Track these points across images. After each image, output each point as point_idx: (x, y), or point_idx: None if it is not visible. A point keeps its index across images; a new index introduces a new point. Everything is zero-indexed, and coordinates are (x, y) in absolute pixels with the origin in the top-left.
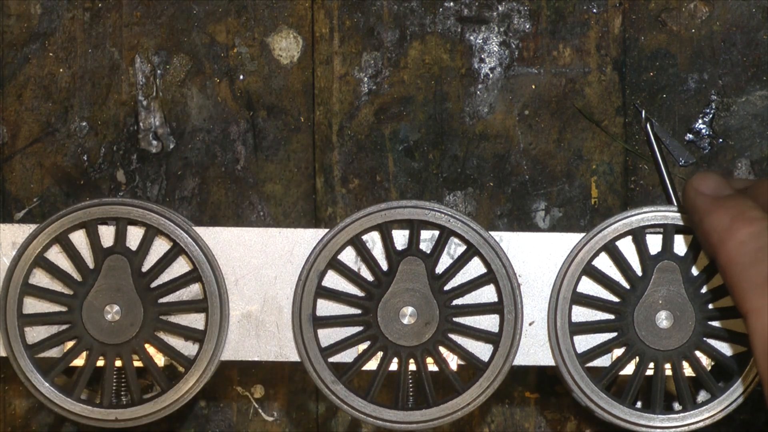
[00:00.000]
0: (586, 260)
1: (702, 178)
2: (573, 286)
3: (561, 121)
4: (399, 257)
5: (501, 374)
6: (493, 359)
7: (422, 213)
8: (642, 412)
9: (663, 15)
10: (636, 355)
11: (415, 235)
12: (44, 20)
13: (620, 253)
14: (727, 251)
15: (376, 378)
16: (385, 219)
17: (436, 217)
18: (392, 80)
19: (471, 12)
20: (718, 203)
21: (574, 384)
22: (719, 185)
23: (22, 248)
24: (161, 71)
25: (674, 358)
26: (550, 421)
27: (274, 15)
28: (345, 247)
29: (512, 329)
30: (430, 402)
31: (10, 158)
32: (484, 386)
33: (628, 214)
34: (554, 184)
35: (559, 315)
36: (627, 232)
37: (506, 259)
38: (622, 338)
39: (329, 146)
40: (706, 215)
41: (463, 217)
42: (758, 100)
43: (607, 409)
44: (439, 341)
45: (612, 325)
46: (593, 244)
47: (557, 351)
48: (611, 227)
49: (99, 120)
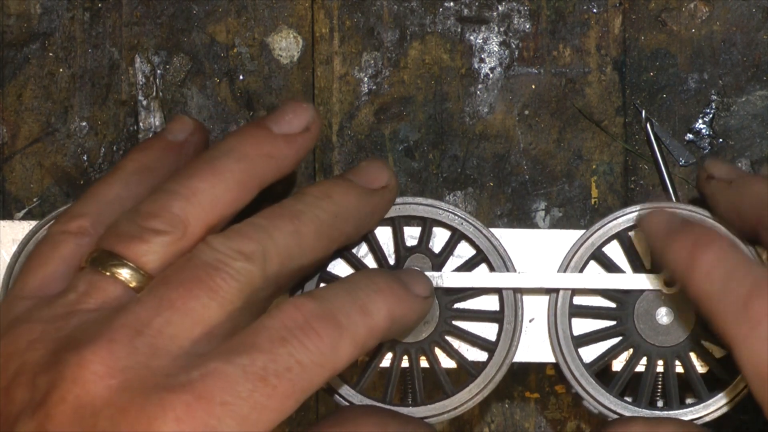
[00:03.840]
0: (586, 257)
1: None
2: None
3: (561, 121)
4: (407, 253)
5: (492, 383)
6: (486, 368)
7: (436, 212)
8: (627, 404)
9: (663, 15)
10: (630, 347)
11: (426, 233)
12: (44, 20)
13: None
14: (695, 285)
15: (366, 372)
16: (399, 213)
17: (450, 219)
18: (392, 80)
19: (471, 12)
20: (672, 237)
21: (569, 372)
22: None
23: (23, 244)
24: (161, 71)
25: (668, 356)
26: (550, 421)
27: (274, 15)
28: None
29: (509, 339)
30: (418, 401)
31: (10, 158)
32: (473, 392)
33: (630, 210)
34: (554, 184)
35: (560, 313)
36: (628, 227)
37: (512, 268)
38: (618, 328)
39: (329, 146)
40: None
41: (475, 221)
42: (758, 100)
43: (596, 397)
44: (435, 342)
45: (612, 320)
46: (594, 240)
47: (557, 348)
48: (614, 222)
49: (99, 120)
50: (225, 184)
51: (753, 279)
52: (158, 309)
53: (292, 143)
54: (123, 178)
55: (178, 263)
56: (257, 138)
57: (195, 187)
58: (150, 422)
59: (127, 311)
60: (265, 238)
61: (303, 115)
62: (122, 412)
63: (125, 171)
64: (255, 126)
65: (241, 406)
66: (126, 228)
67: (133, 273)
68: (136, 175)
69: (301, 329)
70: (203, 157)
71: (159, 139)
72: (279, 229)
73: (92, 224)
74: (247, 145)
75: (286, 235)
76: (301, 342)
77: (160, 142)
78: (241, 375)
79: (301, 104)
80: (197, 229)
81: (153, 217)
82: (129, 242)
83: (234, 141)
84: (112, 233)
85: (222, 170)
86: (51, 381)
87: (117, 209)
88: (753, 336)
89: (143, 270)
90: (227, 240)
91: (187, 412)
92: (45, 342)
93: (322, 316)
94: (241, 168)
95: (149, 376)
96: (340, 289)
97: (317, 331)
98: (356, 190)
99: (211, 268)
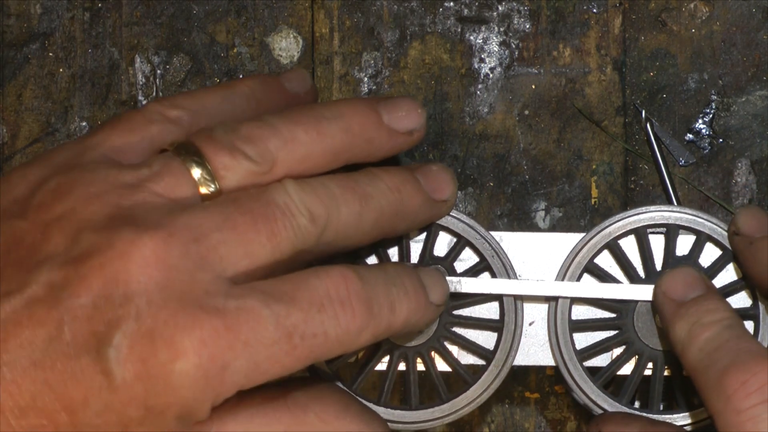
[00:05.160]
0: (588, 258)
1: (670, 280)
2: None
3: (561, 121)
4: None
5: (488, 391)
6: (482, 376)
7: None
8: (638, 411)
9: (663, 15)
10: (635, 354)
11: (431, 240)
12: (44, 20)
13: (622, 252)
14: (688, 360)
15: (361, 374)
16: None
17: (454, 224)
18: (392, 80)
19: (471, 12)
20: (680, 312)
21: (573, 382)
22: (688, 286)
23: None
24: (161, 71)
25: (673, 358)
26: (550, 421)
27: (274, 15)
28: None
29: (507, 348)
30: (412, 405)
31: (10, 158)
32: (469, 398)
33: (631, 213)
34: (554, 184)
35: (560, 314)
36: (629, 231)
37: (513, 275)
38: (621, 337)
39: None
40: (670, 325)
41: (479, 227)
42: (758, 100)
43: (603, 406)
44: (433, 347)
45: (612, 324)
46: (594, 242)
47: (557, 350)
48: (613, 226)
49: (99, 120)
50: (323, 146)
51: (736, 353)
52: (221, 225)
53: (393, 139)
54: (231, 95)
55: (252, 191)
56: (367, 119)
57: (297, 135)
58: (175, 331)
59: (193, 214)
60: (334, 208)
61: (414, 119)
62: (153, 306)
63: (235, 90)
64: (368, 106)
65: (259, 352)
66: (221, 136)
67: (208, 179)
68: (244, 98)
69: (341, 303)
70: (315, 110)
71: (276, 81)
72: (347, 205)
73: (189, 120)
74: (355, 120)
75: (350, 213)
76: (336, 315)
77: (277, 84)
78: (273, 323)
79: (417, 107)
80: (280, 173)
81: (249, 141)
82: (219, 149)
83: (346, 110)
84: (207, 135)
85: (326, 132)
86: (96, 243)
87: (216, 118)
88: (727, 410)
89: (218, 179)
90: (303, 193)
91: (212, 336)
92: (103, 202)
93: (362, 299)
94: (343, 139)
95: (190, 286)
96: (380, 278)
97: (354, 311)
98: (423, 196)
99: (280, 212)
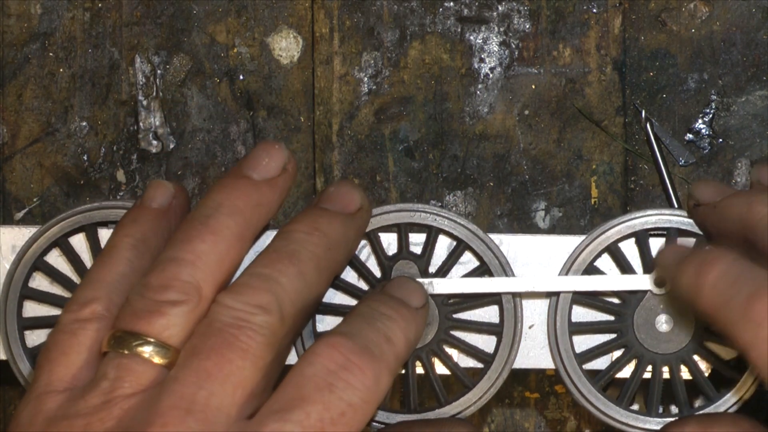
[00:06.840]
0: (588, 261)
1: (663, 253)
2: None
3: (561, 121)
4: (390, 262)
5: (488, 394)
6: (482, 380)
7: (408, 216)
8: (638, 414)
9: (663, 15)
10: (634, 357)
11: (403, 238)
12: (44, 20)
13: (622, 255)
14: (703, 302)
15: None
16: (372, 227)
17: (425, 219)
18: (392, 80)
19: (471, 12)
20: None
21: (572, 385)
22: (679, 251)
23: (22, 252)
24: (161, 71)
25: (672, 361)
26: (550, 421)
27: (274, 15)
28: None
29: (507, 351)
30: (411, 408)
31: (10, 158)
32: (469, 401)
33: (631, 216)
34: (554, 184)
35: (559, 317)
36: (629, 234)
37: (510, 270)
38: (621, 340)
39: (329, 146)
40: (675, 283)
41: (474, 228)
42: (758, 100)
43: (604, 410)
44: (432, 351)
45: (611, 328)
46: (595, 245)
47: (557, 353)
48: (613, 229)
49: (99, 120)
50: (226, 242)
51: (753, 283)
52: (198, 382)
53: (275, 187)
54: (122, 256)
55: (200, 330)
56: (243, 189)
57: (198, 250)
58: None
59: (170, 392)
60: (275, 286)
61: (278, 157)
62: None
63: (122, 248)
64: (236, 177)
65: None
66: (141, 305)
67: (159, 349)
68: (133, 250)
69: (344, 369)
70: (196, 217)
71: (144, 208)
72: (284, 274)
73: (105, 307)
74: (235, 198)
75: (292, 278)
76: (348, 382)
77: (147, 212)
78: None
79: (273, 145)
80: (210, 292)
81: (165, 288)
82: (148, 319)
83: (221, 196)
84: (128, 312)
85: (219, 228)
86: None
87: (125, 287)
88: (759, 339)
89: (168, 344)
90: (240, 296)
91: None
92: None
93: (359, 352)
94: (237, 222)
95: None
96: (360, 322)
97: (360, 367)
98: (339, 218)
99: (234, 328)
